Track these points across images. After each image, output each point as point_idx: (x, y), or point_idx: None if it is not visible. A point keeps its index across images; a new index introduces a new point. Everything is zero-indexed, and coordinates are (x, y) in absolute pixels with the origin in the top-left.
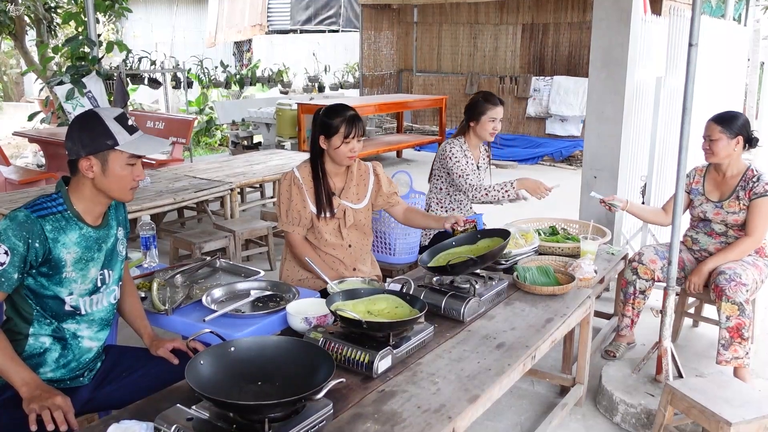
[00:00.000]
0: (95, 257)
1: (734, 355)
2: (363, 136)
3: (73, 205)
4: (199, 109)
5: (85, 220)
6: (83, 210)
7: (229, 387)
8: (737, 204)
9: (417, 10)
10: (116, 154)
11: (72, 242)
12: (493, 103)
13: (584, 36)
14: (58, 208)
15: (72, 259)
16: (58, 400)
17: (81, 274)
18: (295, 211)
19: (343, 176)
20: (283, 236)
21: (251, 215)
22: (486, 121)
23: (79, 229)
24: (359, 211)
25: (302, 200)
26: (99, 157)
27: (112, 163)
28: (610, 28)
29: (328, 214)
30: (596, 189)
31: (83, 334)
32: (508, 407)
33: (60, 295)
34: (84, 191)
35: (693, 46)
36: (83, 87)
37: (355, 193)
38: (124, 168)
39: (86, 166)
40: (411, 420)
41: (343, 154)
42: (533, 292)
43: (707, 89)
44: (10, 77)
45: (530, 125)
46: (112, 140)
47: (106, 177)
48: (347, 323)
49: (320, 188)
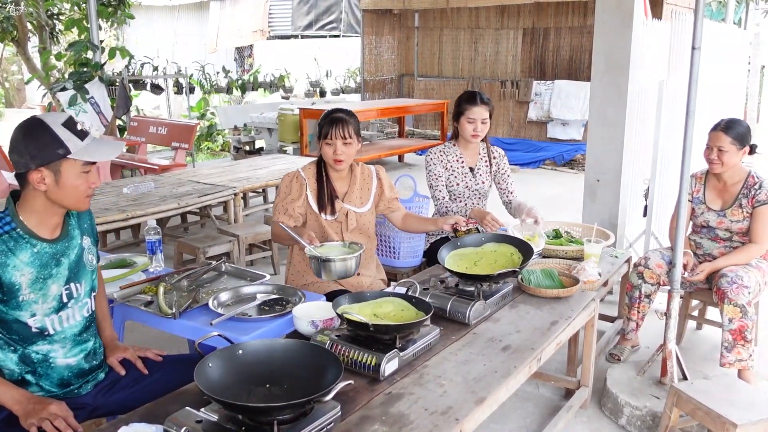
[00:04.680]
0: (54, 273)
1: (738, 358)
2: (349, 139)
3: (23, 221)
4: (201, 114)
5: (38, 236)
6: (36, 224)
7: (238, 389)
8: (740, 212)
9: (418, 14)
10: (69, 163)
11: (24, 263)
12: (471, 103)
13: (585, 40)
14: (5, 228)
15: (27, 281)
16: (53, 408)
17: (41, 294)
18: (288, 200)
19: (347, 180)
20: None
21: (255, 220)
22: (464, 122)
23: (31, 247)
24: (363, 214)
25: (300, 195)
26: (51, 168)
27: (66, 173)
28: (611, 32)
29: (329, 215)
30: (600, 193)
31: (55, 354)
32: (513, 410)
33: (22, 319)
34: (35, 204)
35: (696, 49)
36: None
37: (359, 197)
38: (78, 177)
39: (37, 178)
40: (418, 422)
41: (327, 156)
42: (538, 295)
43: (708, 93)
44: (12, 84)
45: (532, 129)
46: (64, 149)
47: (60, 188)
48: (354, 326)
49: (323, 187)
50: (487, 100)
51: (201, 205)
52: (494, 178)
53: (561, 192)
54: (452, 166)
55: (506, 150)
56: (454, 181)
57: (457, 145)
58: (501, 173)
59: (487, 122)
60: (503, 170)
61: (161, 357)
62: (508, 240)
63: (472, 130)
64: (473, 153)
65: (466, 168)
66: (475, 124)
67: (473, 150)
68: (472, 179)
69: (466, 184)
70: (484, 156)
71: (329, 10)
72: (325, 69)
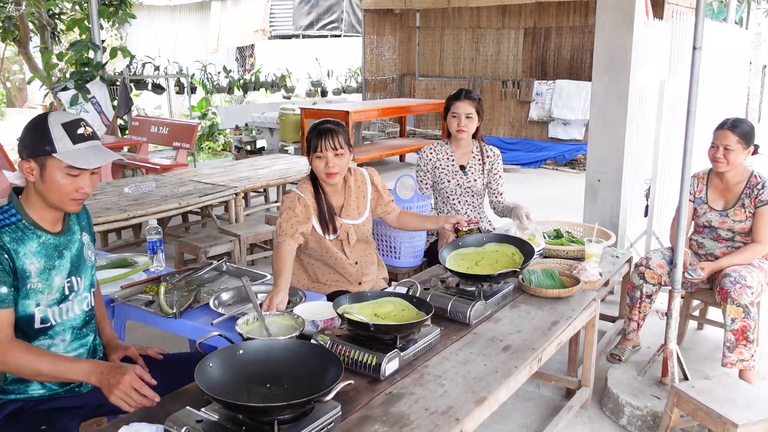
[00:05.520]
0: (57, 265)
1: (740, 358)
2: (340, 149)
3: (27, 213)
4: (202, 114)
5: (42, 227)
6: (38, 217)
7: (239, 389)
8: (743, 212)
9: (419, 14)
10: (53, 162)
11: (32, 252)
12: (455, 98)
13: (586, 40)
14: (12, 219)
15: (36, 270)
16: (128, 378)
17: (46, 284)
18: (294, 222)
19: (341, 193)
20: None
21: (256, 219)
22: (449, 117)
23: (37, 237)
24: (361, 225)
25: (306, 217)
26: (38, 162)
27: (50, 169)
28: (612, 31)
29: (332, 235)
30: (601, 193)
31: (56, 349)
32: (514, 410)
33: (28, 310)
34: (31, 196)
35: (697, 49)
36: (87, 93)
37: (356, 208)
38: (63, 177)
39: (26, 168)
40: (419, 422)
41: (319, 170)
42: (539, 295)
43: (710, 93)
44: (14, 83)
45: (533, 129)
46: (50, 146)
47: (43, 183)
48: (354, 326)
49: (323, 207)
50: (474, 96)
51: (202, 204)
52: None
53: (562, 192)
54: (442, 164)
55: (507, 150)
56: (445, 178)
57: (450, 143)
58: (493, 173)
59: (473, 117)
60: (495, 170)
61: (162, 355)
62: (509, 240)
63: (456, 125)
64: (465, 151)
65: (456, 166)
66: (459, 119)
67: (465, 148)
68: (463, 177)
69: (457, 182)
70: (477, 154)
71: (330, 10)
72: (327, 69)
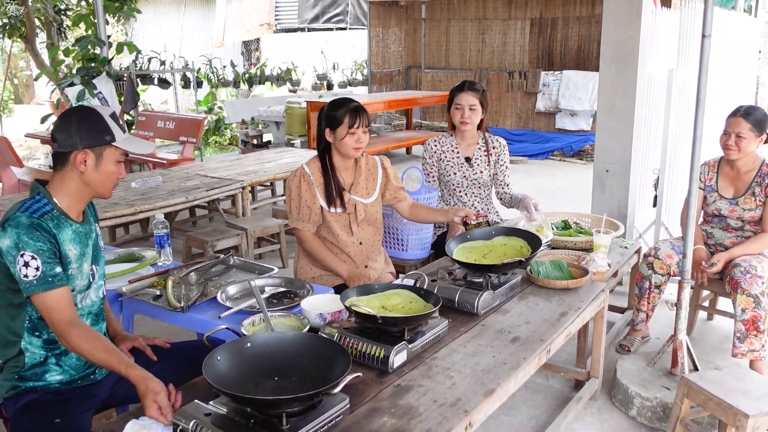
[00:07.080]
0: (86, 252)
1: (750, 348)
2: (368, 128)
3: (57, 203)
4: (209, 109)
5: (71, 217)
6: (67, 206)
7: (247, 382)
8: (753, 200)
9: (425, 6)
10: (111, 150)
11: (69, 239)
12: (458, 90)
13: (593, 30)
14: (46, 208)
15: (74, 256)
16: (162, 397)
17: (80, 271)
18: (305, 207)
19: (352, 171)
20: (294, 234)
21: (263, 213)
22: (453, 109)
23: (69, 225)
24: (370, 205)
25: (312, 196)
26: (95, 151)
27: (107, 158)
28: (620, 21)
29: (339, 209)
30: (609, 183)
31: None
32: (523, 401)
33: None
34: (70, 186)
35: (706, 37)
36: (94, 88)
37: (365, 187)
38: (115, 165)
39: (80, 159)
40: (427, 414)
41: (348, 146)
42: (547, 286)
43: (719, 81)
44: (21, 80)
45: (540, 120)
46: (110, 136)
47: (97, 171)
48: (362, 318)
49: (330, 181)
50: (478, 87)
51: (209, 198)
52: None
53: (570, 183)
54: (446, 156)
55: (514, 141)
56: (451, 171)
57: (454, 135)
58: (500, 164)
59: (476, 109)
60: (502, 162)
61: (169, 345)
62: (518, 233)
63: (460, 116)
64: (470, 143)
65: (461, 158)
66: (463, 111)
67: (470, 140)
68: (468, 169)
69: (463, 174)
70: (483, 146)
71: (336, 3)
72: (332, 62)
